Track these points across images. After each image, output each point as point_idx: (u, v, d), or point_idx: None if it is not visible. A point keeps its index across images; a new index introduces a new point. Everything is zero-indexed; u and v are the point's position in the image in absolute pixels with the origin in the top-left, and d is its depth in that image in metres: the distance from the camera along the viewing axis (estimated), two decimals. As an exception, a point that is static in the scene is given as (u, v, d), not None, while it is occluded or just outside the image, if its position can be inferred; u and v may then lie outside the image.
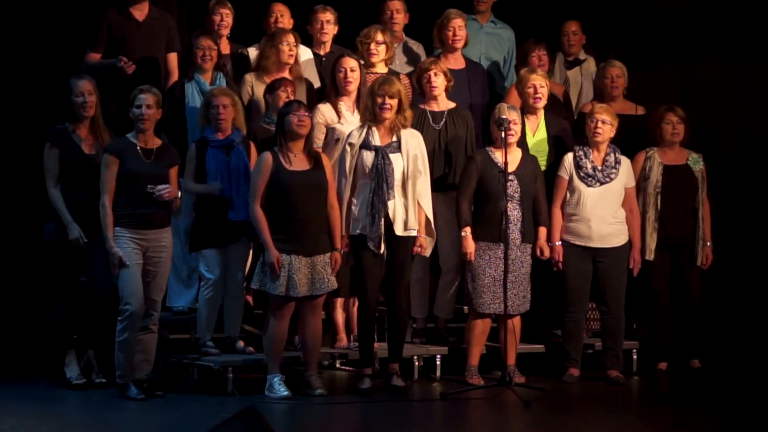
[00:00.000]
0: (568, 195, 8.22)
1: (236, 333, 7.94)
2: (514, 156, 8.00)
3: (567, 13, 9.51)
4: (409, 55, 9.11)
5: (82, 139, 7.69)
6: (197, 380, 7.81)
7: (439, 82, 8.25)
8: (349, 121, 8.08)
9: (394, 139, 7.77)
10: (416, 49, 9.20)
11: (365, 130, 7.77)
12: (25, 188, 8.52)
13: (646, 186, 8.37)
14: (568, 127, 8.57)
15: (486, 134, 8.29)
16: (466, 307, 8.21)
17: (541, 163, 8.25)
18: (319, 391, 7.57)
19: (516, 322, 7.96)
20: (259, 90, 8.34)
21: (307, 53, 8.76)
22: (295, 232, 7.51)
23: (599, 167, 8.21)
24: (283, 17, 8.88)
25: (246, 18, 8.97)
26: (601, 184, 8.20)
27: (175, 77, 8.45)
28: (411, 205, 7.74)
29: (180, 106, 8.17)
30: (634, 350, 8.54)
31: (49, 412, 7.10)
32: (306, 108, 7.69)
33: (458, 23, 8.68)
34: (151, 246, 7.44)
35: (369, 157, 7.71)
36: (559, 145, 8.41)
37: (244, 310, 8.01)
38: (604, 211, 8.20)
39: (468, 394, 7.70)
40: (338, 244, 7.65)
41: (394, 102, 7.72)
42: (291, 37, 8.43)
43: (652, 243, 8.34)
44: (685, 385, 8.25)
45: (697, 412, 7.56)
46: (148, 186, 7.37)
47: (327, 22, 8.80)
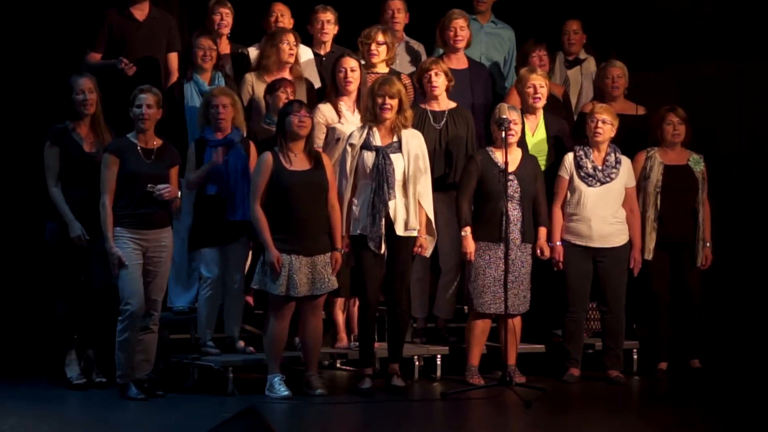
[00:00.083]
0: (569, 195, 8.23)
1: (236, 333, 7.94)
2: (515, 156, 8.00)
3: (567, 12, 9.51)
4: (412, 55, 9.12)
5: (83, 138, 7.69)
6: (198, 380, 7.80)
7: (439, 81, 8.25)
8: (350, 121, 8.08)
9: (395, 139, 7.77)
10: (417, 48, 9.21)
11: (366, 130, 7.77)
12: (26, 188, 8.51)
13: (647, 185, 8.37)
14: (567, 128, 8.57)
15: (488, 135, 8.29)
16: (466, 307, 8.21)
17: (541, 163, 8.25)
18: (319, 391, 7.57)
19: (516, 322, 7.97)
20: (260, 89, 8.34)
21: (307, 53, 8.76)
22: (296, 232, 7.51)
23: (600, 167, 8.21)
24: (283, 17, 8.89)
25: (246, 18, 8.97)
26: (602, 183, 8.20)
27: (175, 77, 8.46)
28: (412, 205, 7.74)
29: (179, 107, 8.17)
30: (635, 350, 8.54)
31: (50, 412, 7.10)
32: (307, 108, 7.69)
33: (460, 23, 8.68)
34: (152, 246, 7.44)
35: (370, 158, 7.71)
36: (558, 146, 8.42)
37: (244, 310, 8.01)
38: (604, 211, 8.20)
39: (468, 394, 7.70)
40: (339, 244, 7.65)
41: (395, 102, 7.72)
42: (291, 37, 8.43)
43: (651, 242, 8.34)
44: (685, 385, 8.25)
45: (697, 412, 7.56)
46: (148, 185, 7.37)
47: (327, 22, 8.80)
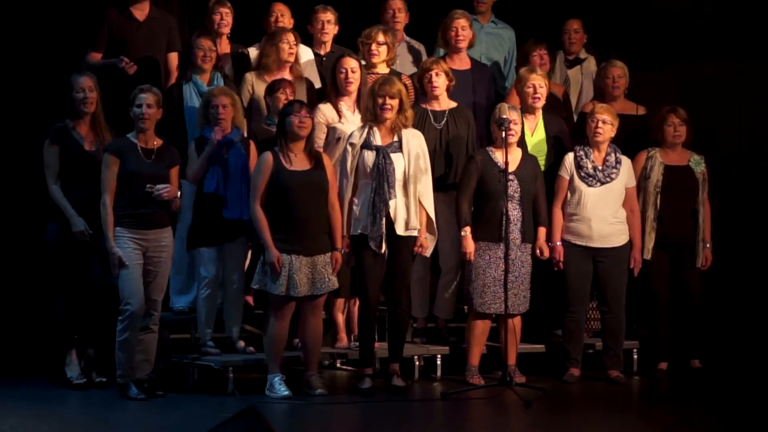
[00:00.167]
0: (569, 195, 8.22)
1: (236, 333, 7.94)
2: (515, 156, 8.00)
3: (567, 12, 9.51)
4: (413, 55, 9.11)
5: (83, 137, 7.69)
6: (198, 380, 7.80)
7: (440, 81, 8.25)
8: (350, 121, 8.08)
9: (396, 138, 7.77)
10: (418, 48, 9.20)
11: (366, 130, 7.77)
12: (27, 187, 8.51)
13: (647, 185, 8.37)
14: (566, 128, 8.57)
15: (489, 135, 8.28)
16: (466, 307, 8.21)
17: (540, 163, 8.24)
18: (319, 391, 7.57)
19: (516, 322, 7.97)
20: (260, 89, 8.34)
21: (307, 53, 8.76)
22: (296, 232, 7.51)
23: (600, 167, 8.21)
24: (283, 17, 8.88)
25: (246, 18, 8.97)
26: (602, 183, 8.20)
27: (175, 77, 8.45)
28: (412, 205, 7.74)
29: (178, 107, 8.17)
30: (635, 350, 8.54)
31: (50, 412, 7.10)
32: (307, 108, 7.69)
33: (462, 23, 8.67)
34: (152, 246, 7.44)
35: (370, 157, 7.71)
36: (557, 146, 8.41)
37: (244, 310, 8.01)
38: (604, 211, 8.20)
39: (468, 394, 7.70)
40: (339, 244, 7.65)
41: (395, 102, 7.72)
42: (291, 36, 8.43)
43: (650, 242, 8.34)
44: (685, 385, 8.25)
45: (697, 412, 7.56)
46: (147, 185, 7.37)
47: (327, 22, 8.79)
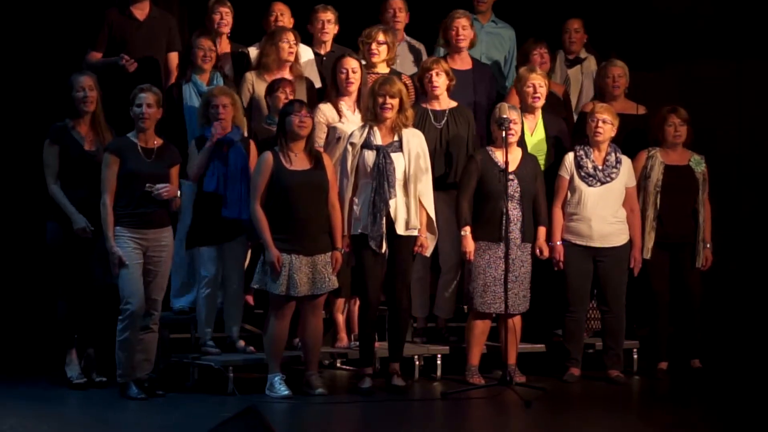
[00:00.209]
0: (569, 194, 8.22)
1: (236, 332, 7.93)
2: (515, 155, 8.00)
3: (567, 12, 9.51)
4: (413, 55, 9.11)
5: (83, 136, 7.69)
6: (198, 380, 7.80)
7: (440, 81, 8.24)
8: (351, 120, 8.08)
9: (396, 138, 7.77)
10: (418, 48, 9.20)
11: (367, 129, 7.77)
12: (27, 187, 8.51)
13: (647, 185, 8.37)
14: (566, 128, 8.57)
15: (490, 135, 8.28)
16: (466, 307, 8.21)
17: (540, 163, 8.24)
18: (319, 391, 7.57)
19: (516, 322, 7.96)
20: (260, 88, 8.34)
21: (307, 53, 8.75)
22: (296, 232, 7.51)
23: (600, 167, 8.21)
24: (283, 16, 8.88)
25: (246, 17, 8.97)
26: (602, 183, 8.20)
27: (175, 76, 8.45)
28: (413, 205, 7.74)
29: (177, 107, 8.16)
30: (635, 350, 8.54)
31: (50, 412, 7.10)
32: (307, 108, 7.68)
33: (462, 23, 8.67)
34: (152, 245, 7.44)
35: (370, 157, 7.71)
36: (557, 146, 8.41)
37: (244, 310, 8.01)
38: (604, 210, 8.20)
39: (468, 394, 7.70)
40: (339, 244, 7.65)
41: (395, 102, 7.72)
42: (291, 35, 8.42)
43: (650, 242, 8.34)
44: (685, 384, 8.25)
45: (697, 411, 7.56)
46: (147, 185, 7.37)
47: (328, 22, 8.79)
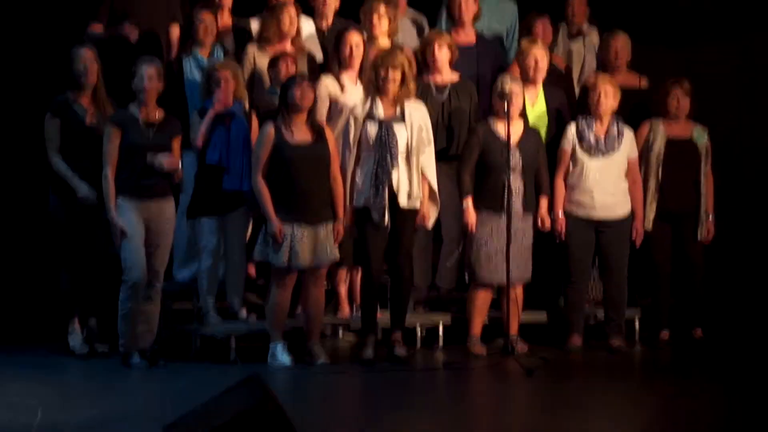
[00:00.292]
0: (571, 166, 8.22)
1: (238, 302, 7.95)
2: (516, 128, 7.99)
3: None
4: (416, 28, 9.08)
5: (84, 109, 7.71)
6: (200, 349, 7.83)
7: (442, 54, 8.24)
8: (353, 93, 8.08)
9: (398, 110, 7.76)
10: (421, 22, 9.18)
11: (369, 102, 7.77)
12: (29, 158, 8.51)
13: (648, 156, 8.37)
14: (566, 101, 8.56)
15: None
16: (468, 277, 8.21)
17: (541, 136, 8.24)
18: (321, 360, 7.60)
19: (518, 292, 7.98)
20: (261, 61, 8.34)
21: (309, 25, 8.74)
22: (298, 204, 7.52)
23: (602, 138, 8.20)
24: (284, -11, 8.86)
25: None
26: (604, 155, 8.19)
27: (176, 49, 8.45)
28: (415, 177, 7.74)
29: (178, 81, 8.16)
30: (637, 319, 8.56)
31: (53, 380, 7.13)
32: (309, 81, 7.68)
33: None
34: (153, 217, 7.46)
35: (373, 129, 7.71)
36: (558, 118, 8.41)
37: (246, 280, 8.03)
38: (606, 182, 8.20)
39: (470, 363, 7.72)
40: (341, 216, 7.66)
41: (398, 74, 7.71)
42: (292, 9, 8.41)
43: (651, 213, 8.35)
44: (687, 354, 8.26)
45: (699, 381, 7.55)
46: (148, 156, 7.38)
47: (329, -6, 8.77)
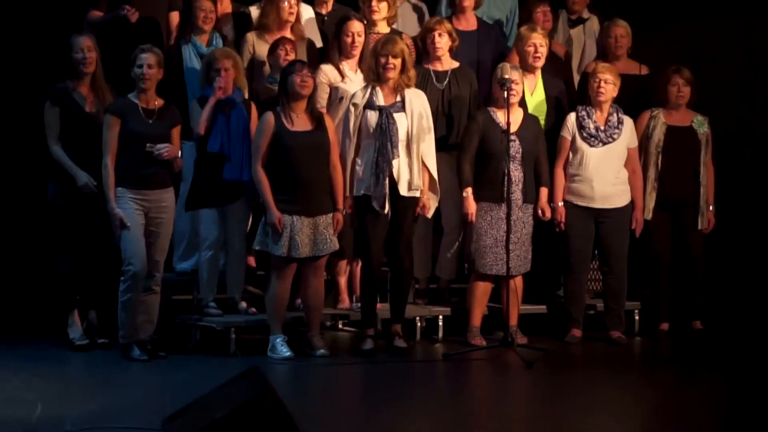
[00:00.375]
0: (571, 155, 8.21)
1: (239, 294, 7.94)
2: (516, 116, 7.98)
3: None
4: (417, 15, 9.05)
5: (84, 97, 7.68)
6: (200, 341, 7.82)
7: (443, 42, 8.21)
8: (353, 81, 8.06)
9: (398, 98, 7.75)
10: (421, 8, 9.14)
11: (369, 90, 7.75)
12: (28, 147, 8.49)
13: (648, 145, 8.35)
14: (565, 89, 8.54)
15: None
16: (468, 268, 8.21)
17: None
18: (321, 352, 7.59)
19: (518, 283, 7.97)
20: (260, 49, 8.30)
21: (308, 12, 8.71)
22: (297, 193, 7.50)
23: (602, 127, 8.18)
24: (284, -24, 8.82)
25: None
26: (604, 144, 8.18)
27: (174, 37, 8.42)
28: (415, 165, 7.73)
29: (177, 68, 8.13)
30: (636, 311, 8.56)
31: (52, 373, 7.12)
32: (309, 68, 7.66)
33: None
34: (153, 206, 7.44)
35: (373, 117, 7.69)
36: (557, 107, 8.39)
37: (246, 271, 8.01)
38: (606, 171, 8.18)
39: (470, 355, 7.72)
40: (341, 205, 7.64)
41: (398, 62, 7.70)
42: (292, -5, 8.38)
43: (651, 202, 8.34)
44: (686, 346, 8.26)
45: (699, 372, 7.56)
46: (147, 145, 7.36)
47: (328, -19, 8.74)
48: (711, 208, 8.40)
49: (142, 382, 7.04)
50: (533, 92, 8.35)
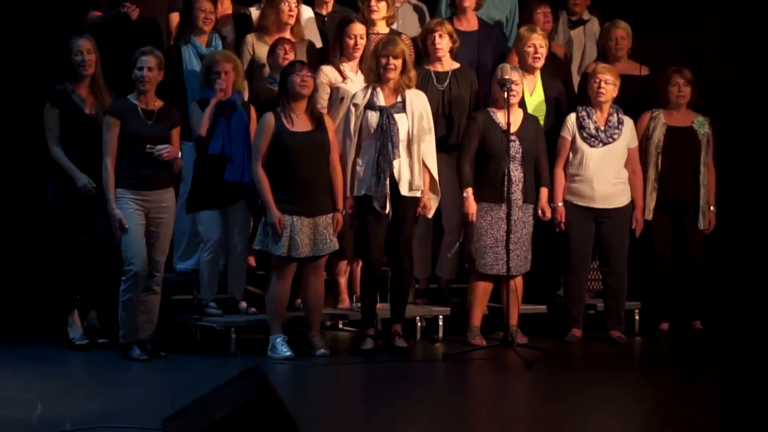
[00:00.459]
0: (571, 155, 8.21)
1: (239, 294, 7.94)
2: (516, 116, 7.98)
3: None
4: (417, 15, 9.05)
5: (83, 99, 7.69)
6: (200, 341, 7.82)
7: (443, 43, 8.21)
8: (353, 81, 8.06)
9: (399, 99, 7.75)
10: (421, 8, 9.14)
11: (370, 90, 7.76)
12: (28, 147, 8.50)
13: (648, 146, 8.35)
14: (564, 90, 8.54)
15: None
16: (469, 267, 8.21)
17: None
18: (321, 352, 7.59)
19: (518, 283, 7.97)
20: (260, 50, 8.30)
21: (308, 13, 8.71)
22: (298, 193, 7.51)
23: (602, 128, 8.19)
24: (284, -23, 8.82)
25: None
26: (604, 144, 8.18)
27: (174, 38, 8.42)
28: (416, 166, 7.73)
29: (176, 69, 8.12)
30: (637, 311, 8.56)
31: (53, 373, 7.12)
32: (309, 68, 7.66)
33: None
34: (153, 207, 7.44)
35: (374, 118, 7.69)
36: (557, 107, 8.39)
37: (246, 271, 8.01)
38: (606, 171, 8.18)
39: (470, 355, 7.72)
40: (341, 205, 7.65)
41: (398, 62, 7.70)
42: (292, -2, 8.38)
43: (651, 202, 8.33)
44: (686, 346, 8.26)
45: (699, 373, 7.56)
46: (147, 146, 7.36)
47: (329, -18, 8.74)
48: (712, 208, 8.39)
49: (142, 382, 7.05)
50: (532, 93, 8.36)
